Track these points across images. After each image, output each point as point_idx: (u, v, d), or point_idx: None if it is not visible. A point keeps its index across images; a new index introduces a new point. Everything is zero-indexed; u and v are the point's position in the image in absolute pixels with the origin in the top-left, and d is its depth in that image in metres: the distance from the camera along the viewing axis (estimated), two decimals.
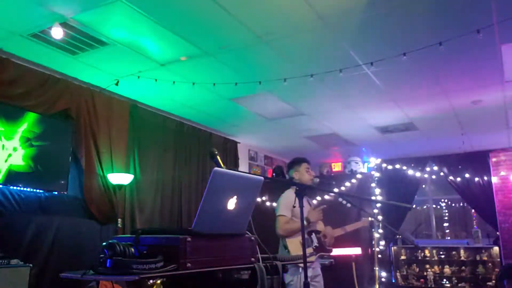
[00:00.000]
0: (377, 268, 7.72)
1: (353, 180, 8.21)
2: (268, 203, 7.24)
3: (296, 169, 3.74)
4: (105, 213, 4.62)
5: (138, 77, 4.47)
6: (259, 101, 5.33)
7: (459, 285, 7.71)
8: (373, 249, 7.83)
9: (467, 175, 7.79)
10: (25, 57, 4.03)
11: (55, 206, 4.22)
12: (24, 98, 3.99)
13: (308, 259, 3.39)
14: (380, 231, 8.01)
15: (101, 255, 1.42)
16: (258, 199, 5.90)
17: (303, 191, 2.29)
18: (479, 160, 7.76)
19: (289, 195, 3.61)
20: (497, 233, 7.50)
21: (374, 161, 8.54)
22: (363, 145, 7.66)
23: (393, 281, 8.12)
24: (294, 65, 4.25)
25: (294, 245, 3.44)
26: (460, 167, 7.86)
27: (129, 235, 1.66)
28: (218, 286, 1.82)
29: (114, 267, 1.37)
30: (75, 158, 4.47)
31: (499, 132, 6.75)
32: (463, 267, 7.80)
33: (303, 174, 3.70)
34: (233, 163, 6.96)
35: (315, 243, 3.55)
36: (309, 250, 3.49)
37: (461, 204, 8.59)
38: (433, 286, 7.84)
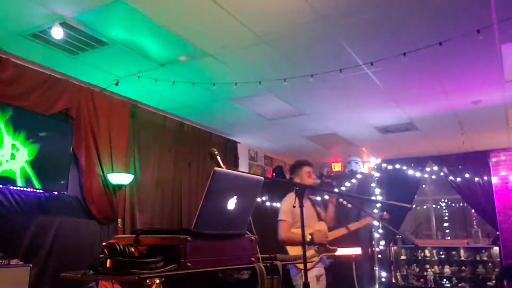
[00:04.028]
0: (377, 268, 7.72)
1: (353, 180, 8.21)
2: (268, 203, 7.24)
3: (297, 173, 3.73)
4: (105, 213, 4.62)
5: (138, 77, 4.47)
6: (259, 101, 5.33)
7: (459, 285, 7.71)
8: (373, 249, 7.83)
9: (467, 175, 7.79)
10: (25, 57, 4.03)
11: (55, 206, 4.22)
12: (24, 98, 3.99)
13: (311, 260, 3.41)
14: (380, 231, 8.01)
15: (101, 255, 1.42)
16: (258, 199, 5.90)
17: (303, 192, 2.29)
18: (479, 160, 7.76)
19: (290, 198, 3.61)
20: (497, 233, 7.50)
21: (374, 161, 8.54)
22: (363, 145, 7.66)
23: (393, 281, 8.12)
24: (294, 65, 4.25)
25: (294, 251, 3.45)
26: (460, 167, 7.85)
27: (129, 235, 1.66)
28: (218, 286, 1.82)
29: (114, 267, 1.37)
30: (75, 158, 4.47)
31: (499, 132, 6.75)
32: (463, 267, 7.80)
33: (304, 179, 3.68)
34: (233, 163, 6.96)
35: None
36: (311, 252, 3.50)
37: (461, 204, 8.59)
38: (433, 286, 7.84)
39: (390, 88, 4.94)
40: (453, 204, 8.77)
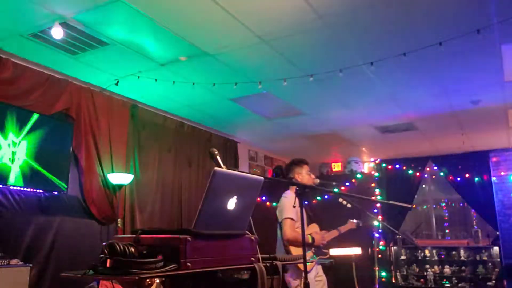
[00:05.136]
0: (377, 268, 7.72)
1: (353, 180, 8.22)
2: (268, 203, 7.24)
3: (297, 171, 3.66)
4: (105, 213, 4.62)
5: (138, 77, 4.46)
6: (259, 101, 5.33)
7: (459, 285, 7.71)
8: (373, 249, 7.83)
9: (467, 175, 7.79)
10: (25, 57, 4.03)
11: (55, 206, 4.22)
12: (24, 98, 3.99)
13: (309, 261, 3.41)
14: (380, 231, 8.02)
15: (101, 255, 1.42)
16: (258, 199, 5.90)
17: (303, 192, 2.29)
18: (479, 160, 7.76)
19: (291, 196, 3.57)
20: (497, 233, 7.50)
21: (374, 161, 8.54)
22: (363, 145, 7.66)
23: (393, 281, 8.12)
24: (294, 65, 4.25)
25: (297, 252, 3.42)
26: (460, 167, 7.85)
27: (129, 235, 1.66)
28: (218, 286, 1.82)
29: (114, 267, 1.37)
30: (75, 158, 4.47)
31: (499, 132, 6.75)
32: (463, 267, 7.80)
33: (305, 178, 3.63)
34: (233, 163, 6.96)
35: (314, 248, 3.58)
36: (309, 254, 3.49)
37: (461, 204, 8.58)
38: (433, 286, 7.83)
39: (390, 88, 4.94)
40: (453, 204, 8.77)
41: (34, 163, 3.97)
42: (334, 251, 4.73)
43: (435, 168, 8.13)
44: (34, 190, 4.01)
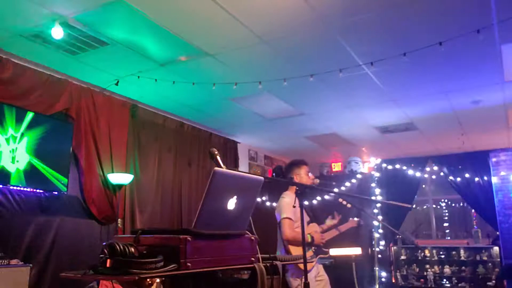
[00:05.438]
0: (377, 268, 7.72)
1: (353, 180, 8.22)
2: (268, 203, 7.25)
3: (296, 172, 3.67)
4: (105, 213, 4.63)
5: (138, 77, 4.47)
6: (259, 101, 5.33)
7: (459, 285, 7.71)
8: (373, 249, 7.83)
9: (467, 175, 7.79)
10: (25, 57, 4.03)
11: (55, 206, 4.22)
12: (24, 98, 3.99)
13: (311, 260, 3.41)
14: (380, 231, 8.02)
15: (101, 255, 1.41)
16: (258, 199, 5.89)
17: (303, 192, 2.29)
18: (479, 160, 7.76)
19: (291, 196, 3.58)
20: (497, 233, 7.50)
21: (374, 161, 8.54)
22: (363, 145, 7.66)
23: (393, 281, 8.12)
24: (294, 65, 4.25)
25: (297, 251, 3.42)
26: (460, 167, 7.85)
27: (129, 235, 1.66)
28: (218, 286, 1.82)
29: (114, 267, 1.37)
30: (75, 158, 4.47)
31: (499, 132, 6.75)
32: (463, 267, 7.80)
33: (303, 178, 3.64)
34: (233, 163, 6.96)
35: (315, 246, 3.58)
36: (309, 253, 3.50)
37: (461, 204, 8.58)
38: (433, 286, 7.84)
39: (390, 88, 4.94)
40: (453, 204, 8.77)
41: (34, 163, 3.97)
42: (334, 251, 4.73)
43: (435, 168, 8.13)
44: (34, 190, 4.01)
